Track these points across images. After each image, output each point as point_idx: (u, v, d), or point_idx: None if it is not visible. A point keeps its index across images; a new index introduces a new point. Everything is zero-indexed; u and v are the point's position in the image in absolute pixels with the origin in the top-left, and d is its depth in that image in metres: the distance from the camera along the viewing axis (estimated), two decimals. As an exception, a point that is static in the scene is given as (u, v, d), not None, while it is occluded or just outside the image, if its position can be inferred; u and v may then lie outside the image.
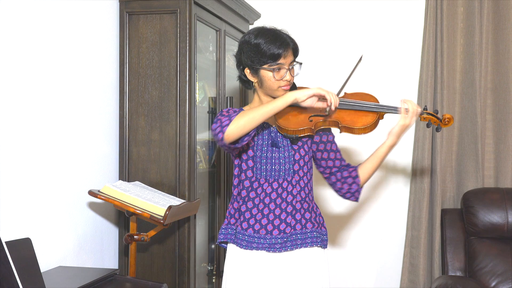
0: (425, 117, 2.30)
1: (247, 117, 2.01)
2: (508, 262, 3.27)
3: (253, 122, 2.01)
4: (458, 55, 3.60)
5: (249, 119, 2.01)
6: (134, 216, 2.57)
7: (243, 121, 2.00)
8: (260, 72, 2.16)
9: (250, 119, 2.01)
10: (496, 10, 3.59)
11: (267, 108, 2.02)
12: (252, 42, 2.15)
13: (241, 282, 2.18)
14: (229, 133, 2.01)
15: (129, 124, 2.93)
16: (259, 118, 2.02)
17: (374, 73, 3.73)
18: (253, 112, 2.02)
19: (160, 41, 2.88)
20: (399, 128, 2.24)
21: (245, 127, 2.01)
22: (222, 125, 2.02)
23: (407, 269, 3.60)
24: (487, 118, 3.61)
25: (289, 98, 2.03)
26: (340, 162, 2.33)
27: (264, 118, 2.03)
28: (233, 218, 2.22)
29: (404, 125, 2.23)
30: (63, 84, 2.56)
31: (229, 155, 2.80)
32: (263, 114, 2.02)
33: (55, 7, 2.49)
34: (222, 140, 2.03)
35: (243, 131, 2.01)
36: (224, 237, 2.23)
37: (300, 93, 2.04)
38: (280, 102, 2.03)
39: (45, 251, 2.43)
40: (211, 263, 3.37)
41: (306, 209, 2.22)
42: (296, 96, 2.03)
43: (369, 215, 3.78)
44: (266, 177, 2.19)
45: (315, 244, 2.21)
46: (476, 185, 3.54)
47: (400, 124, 2.23)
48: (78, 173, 2.66)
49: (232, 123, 2.00)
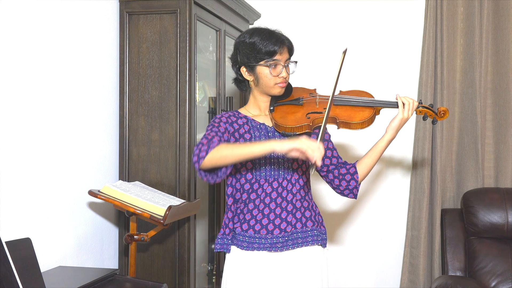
0: (421, 110, 2.34)
1: (223, 152, 1.99)
2: (508, 262, 3.27)
3: (228, 159, 2.00)
4: (458, 55, 3.60)
5: (225, 155, 1.99)
6: (134, 216, 2.57)
7: (219, 155, 1.99)
8: (257, 69, 2.17)
9: (225, 156, 1.99)
10: (496, 10, 3.59)
11: (244, 149, 1.99)
12: (247, 41, 2.18)
13: (243, 283, 2.18)
14: (203, 165, 2.01)
15: (129, 124, 2.93)
16: (235, 157, 2.00)
17: (374, 73, 3.73)
18: (230, 148, 2.00)
19: (160, 41, 2.88)
20: (398, 122, 2.27)
21: (219, 162, 2.00)
22: (199, 156, 2.00)
23: (407, 269, 3.61)
24: (487, 118, 3.62)
25: (270, 147, 1.97)
26: (337, 159, 2.35)
27: (240, 159, 2.01)
28: (228, 228, 2.22)
29: (402, 119, 2.27)
30: (63, 84, 2.56)
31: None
32: (240, 155, 1.99)
33: (55, 7, 2.49)
34: (198, 169, 2.04)
35: (216, 165, 2.01)
36: (221, 247, 2.23)
37: (281, 145, 1.95)
38: (260, 147, 1.98)
39: (45, 251, 2.43)
40: (211, 263, 3.37)
41: (306, 208, 2.23)
42: (276, 148, 1.96)
43: (369, 215, 3.78)
44: (266, 177, 2.19)
45: (315, 242, 2.22)
46: (476, 185, 3.55)
47: (399, 118, 2.27)
48: (78, 173, 2.66)
49: (209, 155, 1.99)
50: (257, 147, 1.98)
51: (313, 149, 1.90)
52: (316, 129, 2.27)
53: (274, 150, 1.96)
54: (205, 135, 2.10)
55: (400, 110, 2.26)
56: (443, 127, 3.57)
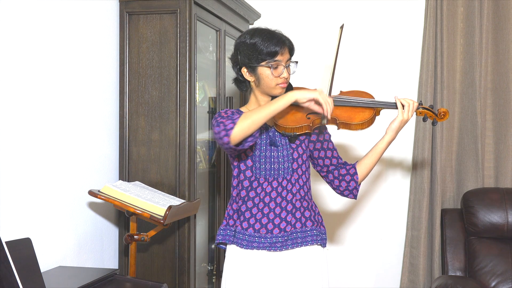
0: (421, 112, 2.33)
1: (250, 118, 2.01)
2: (508, 262, 3.27)
3: (257, 122, 2.02)
4: (458, 55, 3.60)
5: (253, 120, 2.01)
6: (134, 216, 2.57)
7: (248, 122, 2.01)
8: (258, 70, 2.17)
9: (254, 120, 2.01)
10: (496, 10, 3.59)
11: (269, 108, 2.02)
12: (248, 41, 2.17)
13: (242, 282, 2.19)
14: (235, 136, 2.01)
15: (129, 124, 2.93)
16: (263, 118, 2.02)
17: (374, 73, 3.73)
18: (256, 113, 2.02)
19: (160, 41, 2.88)
20: (398, 123, 2.27)
21: (249, 129, 2.01)
22: (227, 128, 2.01)
23: (407, 269, 3.61)
24: (487, 118, 3.62)
25: (291, 97, 2.03)
26: (337, 160, 2.35)
27: (267, 118, 2.03)
28: (232, 219, 2.23)
29: (402, 120, 2.27)
30: (63, 84, 2.56)
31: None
32: (266, 114, 2.02)
33: (55, 7, 2.49)
34: (228, 143, 2.03)
35: (248, 132, 2.02)
36: (223, 238, 2.23)
37: (301, 94, 2.04)
38: (282, 101, 2.03)
39: (45, 251, 2.43)
40: (211, 263, 3.37)
41: (305, 208, 2.23)
42: (297, 97, 2.04)
43: (369, 215, 3.78)
44: (265, 176, 2.20)
45: (315, 242, 2.22)
46: (476, 185, 3.55)
47: (399, 119, 2.27)
48: (78, 173, 2.66)
49: (237, 125, 2.00)
50: (280, 101, 2.04)
51: (328, 103, 2.05)
52: (317, 129, 2.27)
53: (296, 99, 2.04)
54: (217, 121, 2.08)
55: (400, 112, 2.26)
56: (443, 127, 3.57)
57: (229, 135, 2.01)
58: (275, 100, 2.06)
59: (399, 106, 2.26)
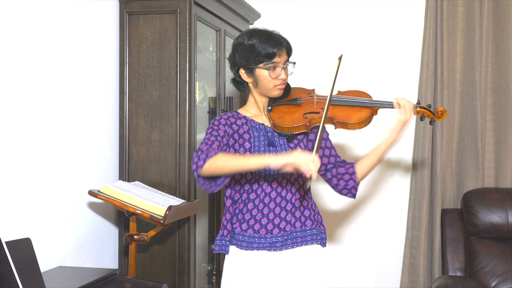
0: (418, 111, 2.33)
1: (218, 164, 2.00)
2: (508, 262, 3.27)
3: (223, 171, 2.01)
4: (458, 55, 3.60)
5: (220, 167, 2.00)
6: (134, 216, 2.57)
7: (214, 167, 2.00)
8: (256, 72, 2.17)
9: (220, 167, 2.00)
10: (496, 10, 3.59)
11: (239, 163, 1.99)
12: (246, 43, 2.17)
13: (242, 283, 2.18)
14: (202, 174, 2.03)
15: (129, 124, 2.93)
16: (230, 169, 2.01)
17: (374, 73, 3.73)
18: (227, 160, 2.01)
19: (160, 41, 2.88)
20: (398, 123, 2.26)
21: (214, 172, 2.02)
22: (198, 164, 2.02)
23: (407, 269, 3.61)
24: (487, 118, 3.62)
25: (263, 161, 1.96)
26: (335, 158, 2.35)
27: (235, 171, 2.02)
28: (226, 230, 2.22)
29: (401, 120, 2.25)
30: (63, 84, 2.56)
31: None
32: (234, 167, 2.00)
33: (55, 7, 2.49)
34: (197, 178, 2.05)
35: (214, 174, 2.03)
36: (219, 249, 2.23)
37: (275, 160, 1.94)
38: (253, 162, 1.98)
39: (45, 251, 2.43)
40: (211, 263, 3.37)
41: (305, 207, 2.23)
42: (270, 162, 1.95)
43: (369, 215, 3.78)
44: (265, 177, 2.20)
45: (315, 241, 2.22)
46: (476, 185, 3.54)
47: (398, 119, 2.26)
48: (78, 173, 2.66)
49: (206, 164, 2.00)
50: (252, 161, 1.98)
51: (307, 162, 1.87)
52: (314, 128, 2.27)
53: (269, 165, 1.95)
54: (205, 140, 2.11)
55: (397, 112, 2.25)
56: (443, 127, 3.57)
57: (197, 172, 2.02)
58: (249, 157, 2.06)
59: (395, 106, 2.26)
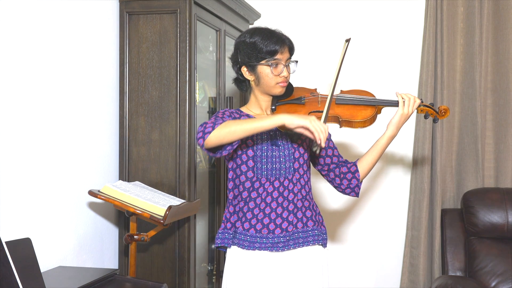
0: (422, 109, 2.35)
1: (229, 128, 1.96)
2: (508, 262, 3.27)
3: (235, 134, 1.96)
4: (458, 55, 3.61)
5: (232, 130, 1.96)
6: (134, 216, 2.57)
7: (225, 131, 1.96)
8: (258, 69, 2.17)
9: (232, 131, 1.96)
10: (496, 10, 3.59)
11: (252, 124, 1.96)
12: (248, 40, 2.18)
13: (244, 283, 2.18)
14: (209, 141, 1.98)
15: (129, 124, 2.93)
16: (242, 132, 1.96)
17: (374, 73, 3.73)
18: (237, 124, 1.97)
19: (160, 41, 2.88)
20: (399, 117, 2.27)
21: (225, 137, 1.97)
22: (205, 131, 1.98)
23: (407, 269, 3.61)
24: (487, 118, 3.62)
25: (279, 120, 1.96)
26: (337, 158, 2.35)
27: (248, 133, 1.97)
28: (229, 222, 2.22)
29: (402, 115, 2.26)
30: (63, 84, 2.56)
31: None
32: (247, 130, 1.96)
33: (55, 7, 2.49)
34: (202, 147, 2.02)
35: (223, 141, 1.98)
36: (222, 242, 2.23)
37: (291, 119, 1.95)
38: (268, 121, 1.96)
39: (45, 251, 2.43)
40: (211, 263, 3.37)
41: (307, 207, 2.23)
42: (286, 121, 1.95)
43: (369, 215, 3.78)
44: (267, 176, 2.19)
45: (316, 242, 2.22)
46: (476, 185, 3.55)
47: (399, 113, 2.27)
48: (78, 173, 2.66)
49: (214, 131, 1.96)
50: (266, 121, 1.96)
51: (321, 130, 1.93)
52: None
53: (284, 123, 1.95)
54: (205, 122, 2.07)
55: (400, 106, 2.26)
56: (443, 127, 3.57)
57: (204, 138, 1.98)
58: (262, 117, 2.01)
59: (399, 100, 2.27)
